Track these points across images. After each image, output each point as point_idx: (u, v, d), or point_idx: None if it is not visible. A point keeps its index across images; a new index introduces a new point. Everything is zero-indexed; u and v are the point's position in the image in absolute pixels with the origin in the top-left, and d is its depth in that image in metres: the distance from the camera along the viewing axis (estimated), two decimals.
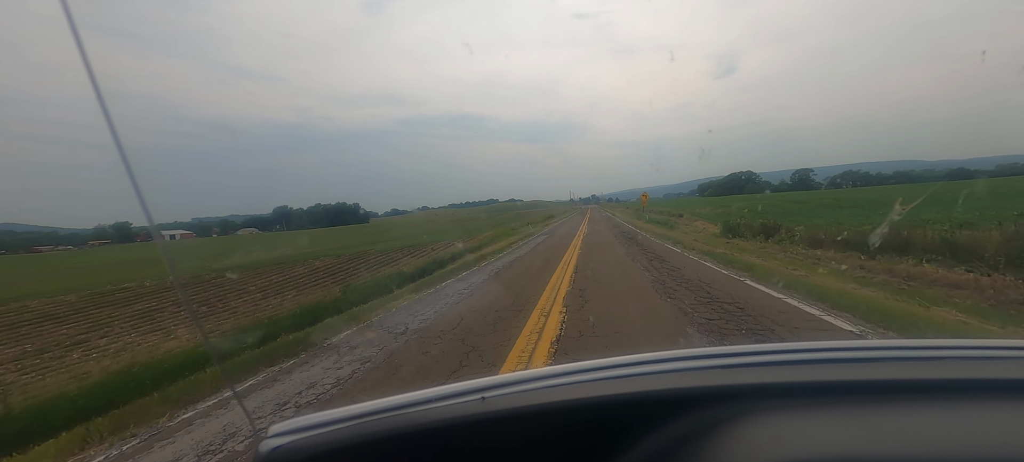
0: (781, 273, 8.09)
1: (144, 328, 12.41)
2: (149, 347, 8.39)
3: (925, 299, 6.04)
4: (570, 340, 4.91)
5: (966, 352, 0.83)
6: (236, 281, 19.28)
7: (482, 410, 0.68)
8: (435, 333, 5.81)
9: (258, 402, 4.14)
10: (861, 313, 5.32)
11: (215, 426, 3.77)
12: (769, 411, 0.65)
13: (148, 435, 3.81)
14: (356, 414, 0.67)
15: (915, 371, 0.78)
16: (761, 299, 6.31)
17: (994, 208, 11.38)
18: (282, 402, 4.06)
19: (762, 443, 0.58)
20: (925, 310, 5.53)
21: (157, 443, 3.62)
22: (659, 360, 0.81)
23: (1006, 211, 9.57)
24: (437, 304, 7.81)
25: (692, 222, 25.07)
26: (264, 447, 0.62)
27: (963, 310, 5.54)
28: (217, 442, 3.45)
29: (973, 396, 0.66)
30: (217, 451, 3.31)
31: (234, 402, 4.24)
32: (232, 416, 3.93)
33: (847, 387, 0.70)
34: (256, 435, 3.44)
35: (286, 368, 5.07)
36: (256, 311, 12.74)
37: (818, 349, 0.84)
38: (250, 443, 3.37)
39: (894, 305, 5.81)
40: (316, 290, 15.31)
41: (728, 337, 4.74)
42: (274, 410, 3.91)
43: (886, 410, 0.62)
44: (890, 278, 7.56)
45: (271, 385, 4.57)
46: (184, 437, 3.64)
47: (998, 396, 0.66)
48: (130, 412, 4.44)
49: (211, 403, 4.36)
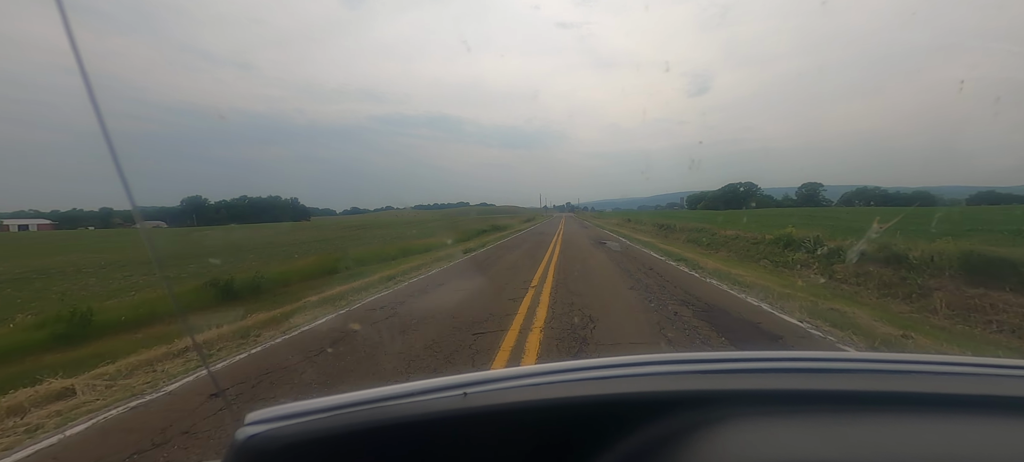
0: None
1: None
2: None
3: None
4: None
5: (934, 368, 0.86)
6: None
7: (463, 406, 0.68)
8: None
9: None
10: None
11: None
12: (744, 417, 0.66)
13: None
14: (336, 405, 0.66)
15: (885, 383, 0.81)
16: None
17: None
18: None
19: (736, 448, 0.60)
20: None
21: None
22: (639, 363, 0.82)
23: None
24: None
25: (725, 264, 14.13)
26: (241, 434, 0.60)
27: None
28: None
29: (939, 410, 0.69)
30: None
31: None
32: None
33: (819, 396, 0.72)
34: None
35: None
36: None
37: (793, 358, 0.87)
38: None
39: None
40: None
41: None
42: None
43: (855, 420, 0.65)
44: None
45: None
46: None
47: (963, 410, 0.69)
48: None
49: None
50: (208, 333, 5.98)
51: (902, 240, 9.69)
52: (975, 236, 10.74)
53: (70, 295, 10.47)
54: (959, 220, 17.28)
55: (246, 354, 5.10)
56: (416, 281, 10.25)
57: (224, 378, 4.40)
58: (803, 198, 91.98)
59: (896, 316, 7.19)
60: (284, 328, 6.23)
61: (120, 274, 14.57)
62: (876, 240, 10.06)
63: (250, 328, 6.26)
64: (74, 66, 0.64)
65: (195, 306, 8.64)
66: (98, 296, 10.16)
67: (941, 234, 10.19)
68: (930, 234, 10.39)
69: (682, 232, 24.68)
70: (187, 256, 21.40)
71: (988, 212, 26.68)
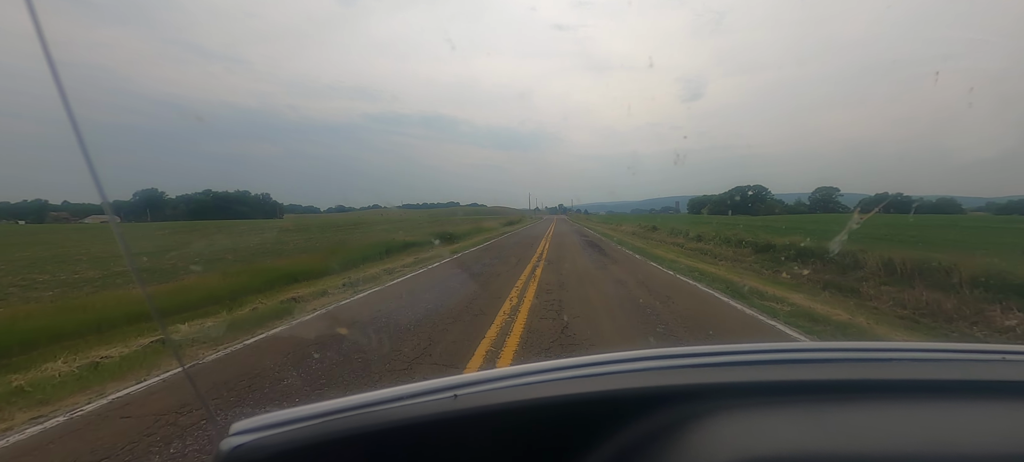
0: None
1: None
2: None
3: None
4: None
5: (914, 355, 0.88)
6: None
7: (454, 408, 0.67)
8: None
9: None
10: None
11: None
12: (732, 409, 0.66)
13: None
14: (323, 412, 0.64)
15: (867, 372, 0.82)
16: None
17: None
18: None
19: (725, 440, 0.60)
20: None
21: None
22: (627, 359, 0.82)
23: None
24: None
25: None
26: (226, 445, 0.59)
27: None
28: None
29: (919, 396, 0.71)
30: None
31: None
32: None
33: (805, 386, 0.73)
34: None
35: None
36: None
37: (779, 350, 0.88)
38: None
39: None
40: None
41: None
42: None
43: (839, 408, 0.67)
44: None
45: None
46: None
47: (942, 396, 0.71)
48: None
49: None
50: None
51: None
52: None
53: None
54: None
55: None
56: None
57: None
58: (816, 203, 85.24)
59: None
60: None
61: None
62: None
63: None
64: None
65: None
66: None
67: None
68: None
69: (715, 244, 19.11)
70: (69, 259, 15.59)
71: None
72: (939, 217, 38.63)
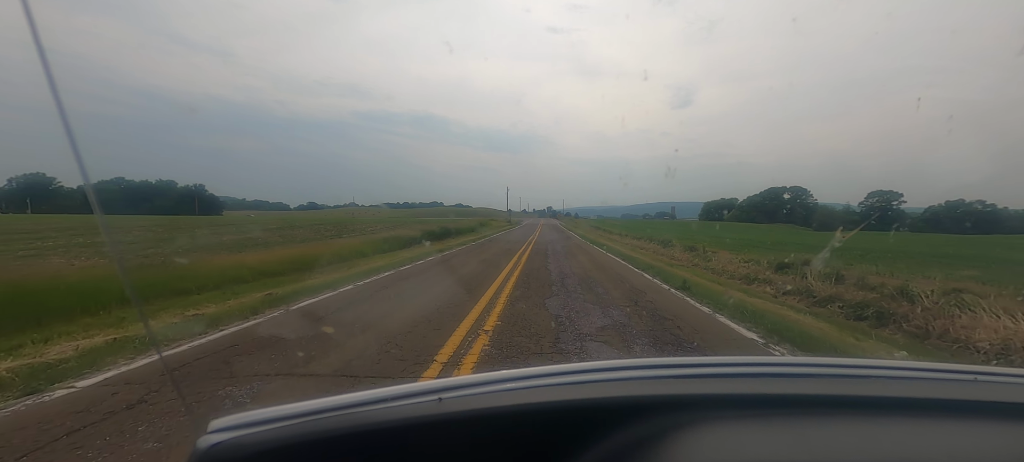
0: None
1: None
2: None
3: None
4: None
5: (895, 373, 0.90)
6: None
7: (438, 411, 0.67)
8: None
9: None
10: None
11: None
12: (715, 421, 0.67)
13: None
14: (304, 411, 0.63)
15: (849, 388, 0.83)
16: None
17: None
18: None
19: (707, 451, 0.61)
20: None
21: None
22: (613, 368, 0.82)
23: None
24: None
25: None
26: (203, 443, 0.57)
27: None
28: None
29: (899, 413, 0.71)
30: None
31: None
32: None
33: (787, 400, 0.74)
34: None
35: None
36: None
37: (762, 363, 0.91)
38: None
39: None
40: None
41: None
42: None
43: (820, 423, 0.68)
44: None
45: None
46: None
47: (921, 414, 0.72)
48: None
49: None
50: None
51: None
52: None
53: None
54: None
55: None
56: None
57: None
58: (870, 210, 64.32)
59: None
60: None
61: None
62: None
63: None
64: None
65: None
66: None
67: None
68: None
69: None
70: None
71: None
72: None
